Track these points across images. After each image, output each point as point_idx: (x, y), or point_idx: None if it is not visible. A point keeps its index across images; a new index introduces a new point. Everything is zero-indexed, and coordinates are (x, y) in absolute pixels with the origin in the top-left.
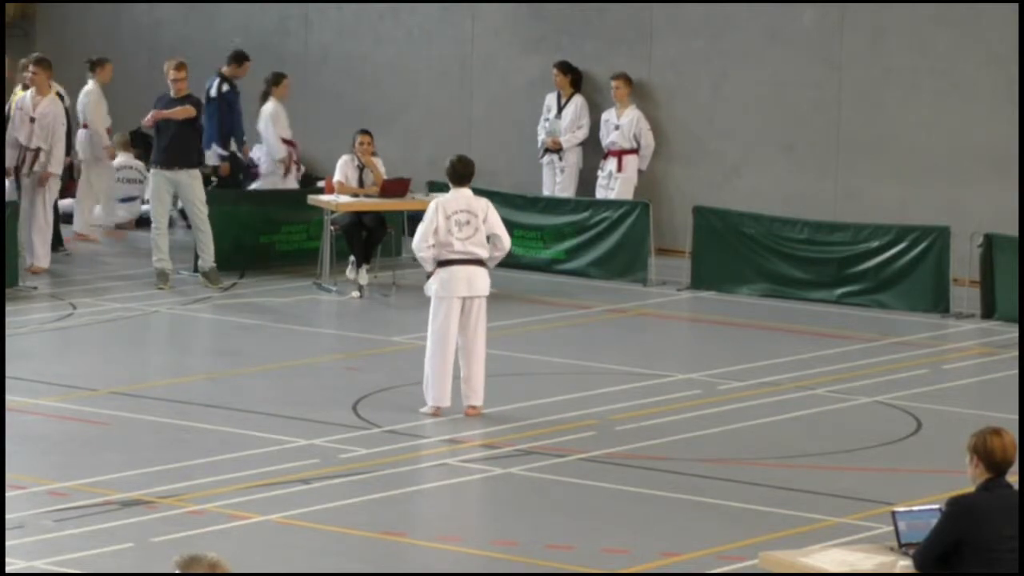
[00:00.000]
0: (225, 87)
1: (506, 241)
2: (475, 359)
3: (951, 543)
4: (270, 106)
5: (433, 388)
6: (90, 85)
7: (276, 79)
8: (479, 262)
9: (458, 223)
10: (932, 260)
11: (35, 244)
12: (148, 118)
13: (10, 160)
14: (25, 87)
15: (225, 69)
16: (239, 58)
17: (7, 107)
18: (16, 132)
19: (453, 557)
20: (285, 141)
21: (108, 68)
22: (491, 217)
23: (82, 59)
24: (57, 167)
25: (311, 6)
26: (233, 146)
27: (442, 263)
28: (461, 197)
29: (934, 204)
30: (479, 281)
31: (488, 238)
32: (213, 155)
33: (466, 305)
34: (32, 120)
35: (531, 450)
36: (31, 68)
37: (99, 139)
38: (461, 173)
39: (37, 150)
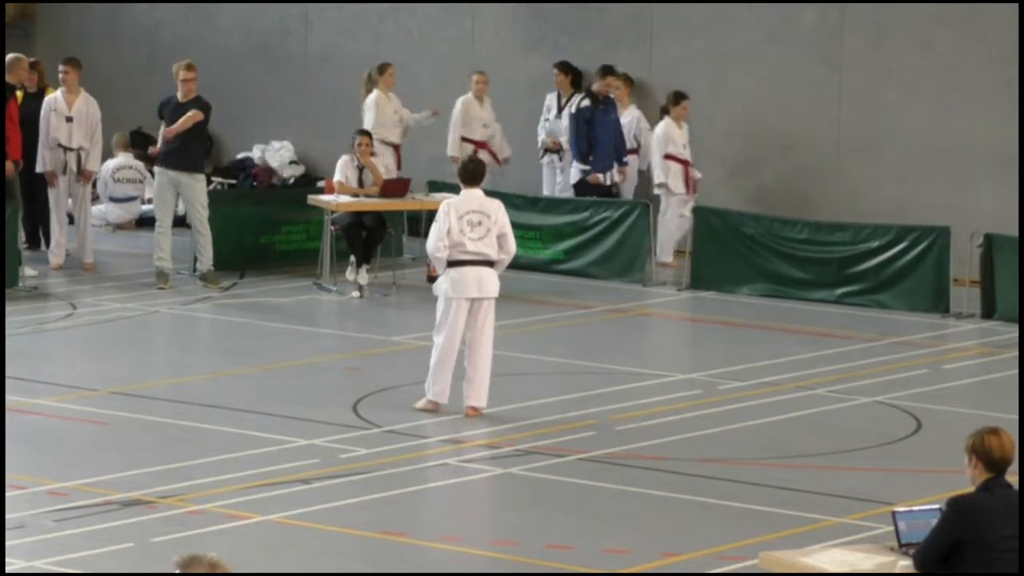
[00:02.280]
0: (585, 102)
1: (512, 243)
2: (480, 360)
3: (951, 543)
4: (662, 126)
5: (434, 384)
6: (375, 94)
7: (676, 99)
8: (489, 263)
9: (470, 223)
10: (932, 260)
11: (86, 244)
12: (160, 145)
13: (51, 163)
14: (23, 88)
15: (594, 85)
16: (603, 72)
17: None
18: (55, 133)
19: (453, 557)
20: (675, 159)
21: (389, 72)
22: (501, 218)
23: (82, 59)
24: (97, 164)
25: (311, 6)
26: (587, 164)
27: (453, 263)
28: (472, 198)
29: (934, 204)
30: (489, 282)
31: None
32: (575, 171)
33: (474, 306)
34: (69, 120)
35: (531, 450)
36: (62, 67)
37: (383, 148)
38: (473, 173)
39: (79, 149)
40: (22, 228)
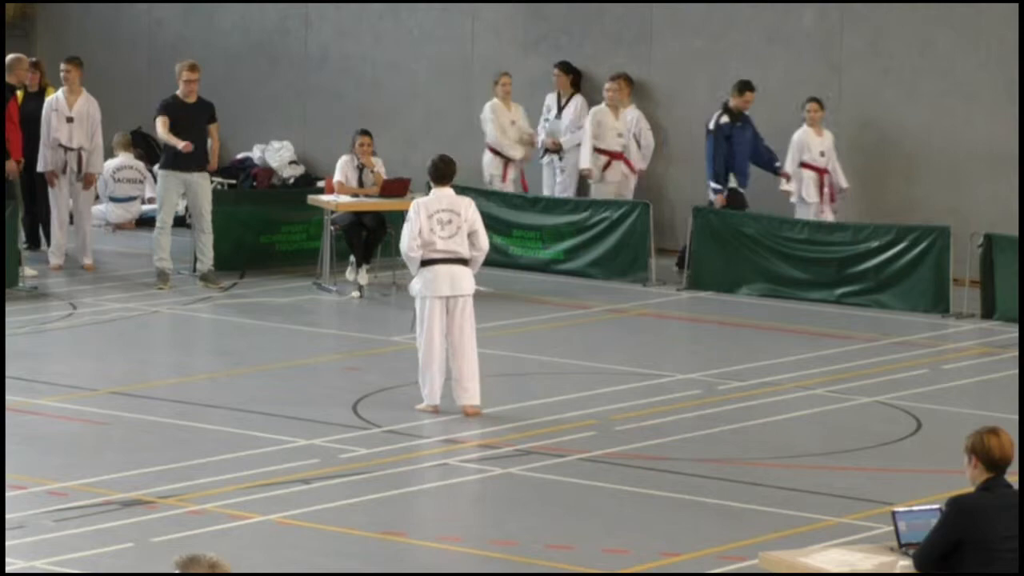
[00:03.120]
0: (724, 119)
1: (483, 240)
2: (465, 359)
3: (951, 543)
4: (799, 132)
5: (424, 386)
6: (490, 103)
7: (806, 103)
8: (462, 261)
9: (440, 222)
10: (932, 260)
11: (86, 244)
12: (184, 145)
13: (52, 163)
14: (24, 88)
15: (731, 101)
16: (741, 88)
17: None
18: (56, 133)
19: (453, 557)
20: (810, 167)
21: (502, 81)
22: (472, 215)
23: (82, 59)
24: (99, 166)
25: (311, 6)
26: (733, 181)
27: (425, 263)
28: (443, 196)
29: (934, 204)
30: (462, 280)
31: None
32: (712, 193)
33: (450, 304)
34: (69, 120)
35: (531, 450)
36: (63, 67)
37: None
38: (443, 172)
39: (79, 150)
40: (22, 228)
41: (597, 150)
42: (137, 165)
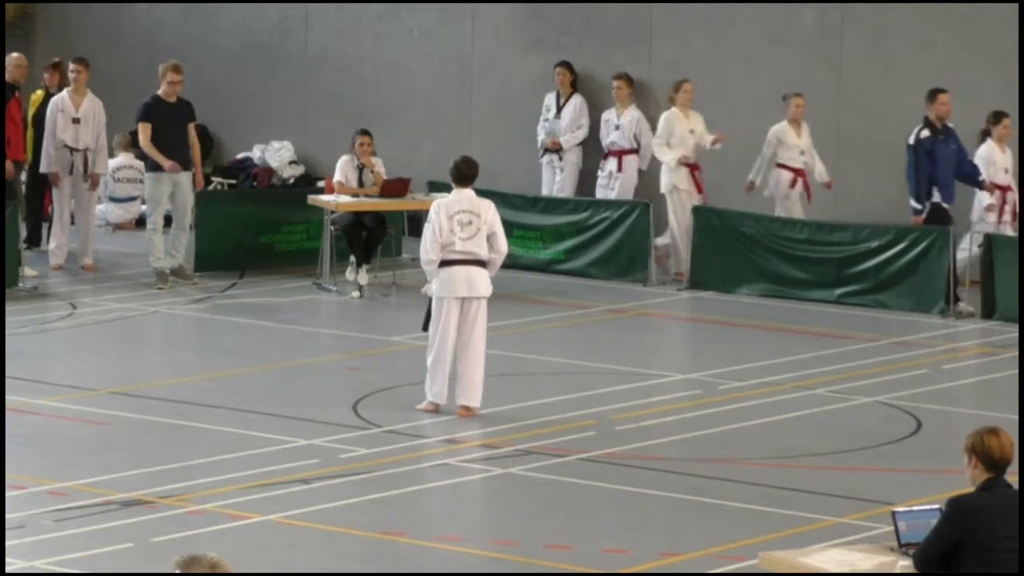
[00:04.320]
0: (924, 133)
1: (503, 243)
2: (471, 360)
3: (951, 543)
4: (983, 148)
5: (432, 385)
6: (669, 111)
7: (996, 118)
8: (480, 263)
9: (460, 223)
10: (932, 260)
11: (87, 244)
12: (171, 165)
13: (57, 164)
14: (45, 88)
15: (930, 113)
16: (932, 94)
17: (13, 107)
18: (62, 134)
19: (453, 557)
20: (996, 186)
21: (684, 88)
22: (491, 218)
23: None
24: (104, 166)
25: (311, 6)
26: (936, 196)
27: (443, 263)
28: (464, 198)
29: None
30: (479, 282)
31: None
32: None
33: (465, 305)
34: (76, 120)
35: (531, 450)
36: (73, 66)
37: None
38: (465, 173)
39: (85, 150)
40: (24, 227)
41: (780, 166)
42: (137, 165)
